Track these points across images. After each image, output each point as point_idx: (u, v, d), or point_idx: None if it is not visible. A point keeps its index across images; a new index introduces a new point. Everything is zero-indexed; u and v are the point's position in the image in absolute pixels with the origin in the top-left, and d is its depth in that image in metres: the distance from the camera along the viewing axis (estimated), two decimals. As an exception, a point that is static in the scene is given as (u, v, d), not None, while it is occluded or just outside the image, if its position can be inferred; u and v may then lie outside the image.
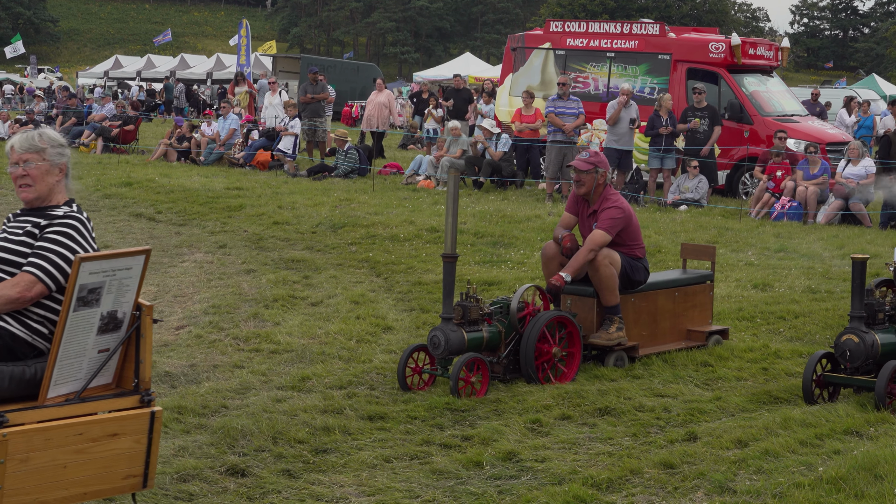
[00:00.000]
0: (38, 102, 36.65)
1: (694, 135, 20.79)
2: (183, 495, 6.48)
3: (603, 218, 9.72)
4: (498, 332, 9.18)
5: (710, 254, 11.04)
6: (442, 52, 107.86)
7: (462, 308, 9.04)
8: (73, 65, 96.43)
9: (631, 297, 9.96)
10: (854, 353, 8.53)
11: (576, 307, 9.80)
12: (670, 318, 10.38)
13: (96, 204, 19.17)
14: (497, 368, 9.18)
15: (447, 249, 8.92)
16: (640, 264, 9.96)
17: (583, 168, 9.81)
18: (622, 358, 9.73)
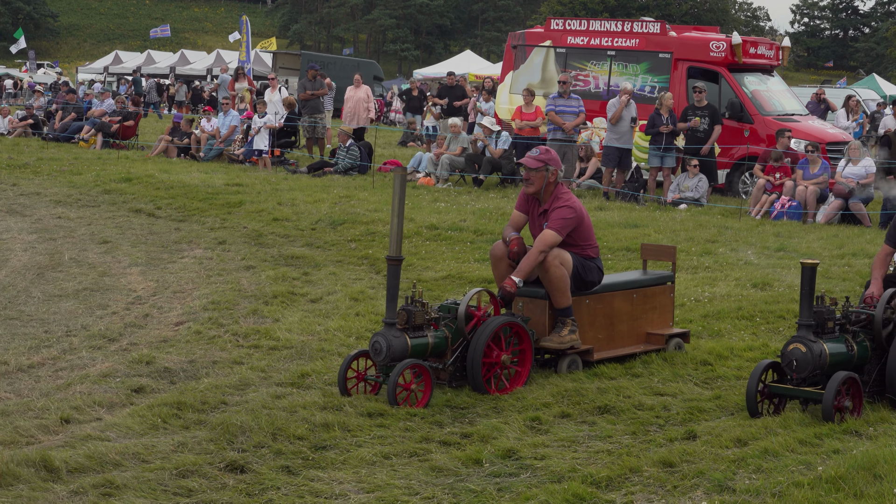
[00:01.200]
0: (38, 97, 36.59)
1: (694, 134, 20.78)
2: (182, 491, 6.48)
3: (553, 217, 9.39)
4: (444, 338, 8.81)
5: (671, 254, 10.66)
6: (442, 49, 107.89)
7: (406, 312, 8.65)
8: (73, 60, 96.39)
9: (586, 298, 9.63)
10: (801, 363, 8.13)
11: (528, 310, 9.47)
12: (628, 321, 10.03)
13: (95, 199, 19.16)
14: (443, 375, 8.84)
15: (392, 251, 8.49)
16: (593, 264, 9.62)
17: (532, 166, 9.49)
18: (576, 362, 9.43)
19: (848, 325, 8.52)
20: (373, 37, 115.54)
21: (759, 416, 8.11)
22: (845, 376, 7.98)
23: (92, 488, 6.41)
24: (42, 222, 16.88)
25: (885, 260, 9.20)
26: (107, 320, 10.93)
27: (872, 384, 8.55)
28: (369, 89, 27.53)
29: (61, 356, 9.56)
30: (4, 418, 7.77)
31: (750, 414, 8.15)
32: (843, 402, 7.97)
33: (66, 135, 30.21)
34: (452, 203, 19.10)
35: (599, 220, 17.45)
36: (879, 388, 8.53)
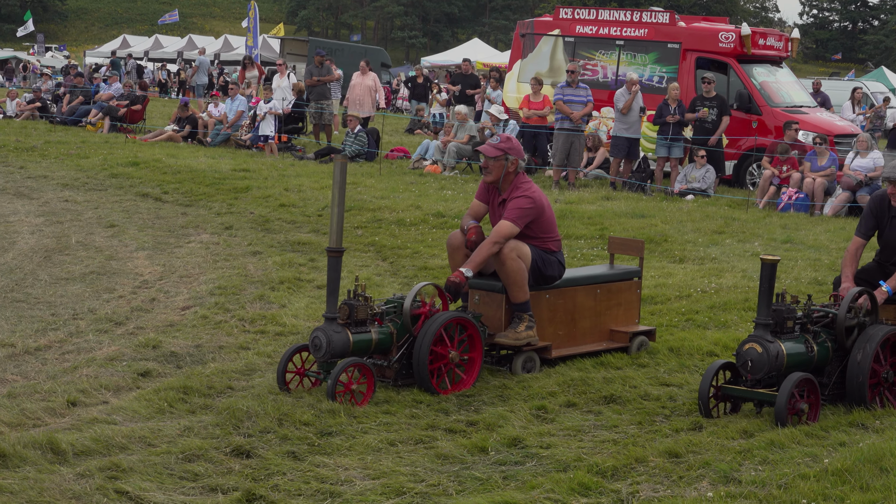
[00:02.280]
0: (46, 81, 36.58)
1: (702, 125, 20.76)
2: (188, 475, 6.49)
3: (510, 207, 9.03)
4: (389, 334, 8.45)
5: (639, 248, 10.33)
6: (450, 37, 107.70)
7: (348, 307, 8.26)
8: (81, 44, 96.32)
9: (546, 293, 9.29)
10: (756, 364, 7.79)
11: (484, 303, 9.15)
12: (591, 317, 9.68)
13: (103, 183, 19.17)
14: (388, 373, 8.52)
15: (332, 242, 8.18)
16: (553, 258, 9.24)
17: (491, 154, 9.12)
18: (532, 359, 9.10)
19: (809, 325, 8.21)
20: (380, 24, 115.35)
21: (712, 418, 7.87)
22: (801, 378, 7.67)
23: (98, 471, 6.42)
24: (49, 205, 16.89)
25: (855, 254, 8.90)
26: (113, 304, 10.94)
27: (833, 387, 8.24)
28: (377, 77, 27.36)
29: (68, 339, 9.58)
30: (11, 401, 7.79)
31: (702, 415, 7.88)
32: (798, 405, 7.64)
33: (73, 118, 30.22)
34: (459, 191, 19.09)
35: (606, 209, 17.45)
36: (840, 391, 8.24)
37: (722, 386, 8.05)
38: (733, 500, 6.15)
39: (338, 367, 7.92)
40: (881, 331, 8.17)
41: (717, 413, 7.99)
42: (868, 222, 8.95)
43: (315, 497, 6.26)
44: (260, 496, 6.19)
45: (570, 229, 15.55)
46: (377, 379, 8.37)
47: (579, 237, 15.12)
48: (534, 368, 9.08)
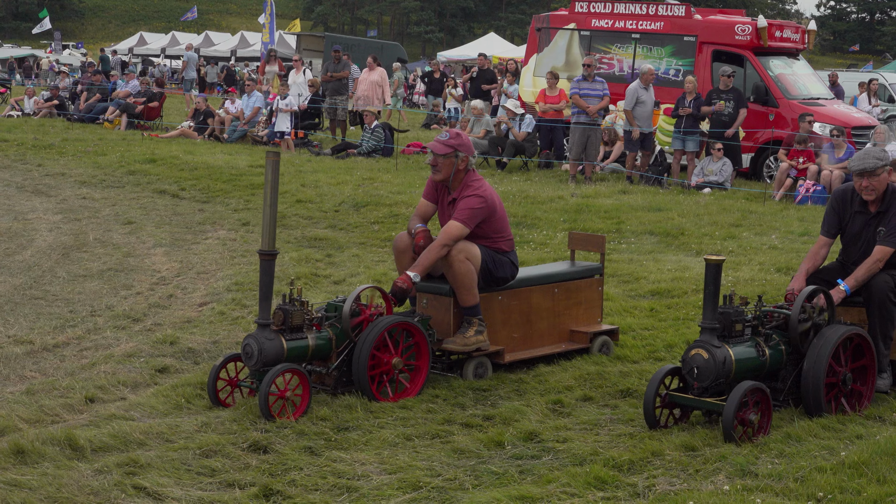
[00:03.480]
0: (63, 78, 36.71)
1: (719, 117, 20.70)
2: (205, 470, 6.52)
3: (460, 207, 8.61)
4: (328, 340, 8.02)
5: (600, 244, 9.84)
6: (466, 31, 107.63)
7: (283, 312, 7.86)
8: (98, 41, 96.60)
9: (498, 294, 8.88)
10: (702, 371, 7.30)
11: (432, 307, 8.75)
12: (548, 318, 9.25)
13: (120, 180, 19.23)
14: (328, 381, 8.12)
15: (264, 244, 7.80)
16: (505, 259, 8.83)
17: (440, 151, 8.71)
18: (484, 365, 8.67)
19: (760, 328, 7.76)
20: (397, 19, 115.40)
21: (658, 428, 7.42)
22: (750, 387, 7.16)
23: (116, 467, 6.45)
24: (67, 203, 16.96)
25: (816, 252, 8.43)
26: (131, 300, 10.98)
27: (788, 392, 7.83)
28: (384, 72, 27.09)
29: (86, 336, 9.62)
30: (30, 397, 7.84)
31: (648, 425, 7.43)
32: (747, 416, 7.14)
33: (90, 115, 30.32)
34: (476, 186, 19.06)
35: (622, 203, 17.44)
36: (796, 397, 7.82)
37: (669, 393, 7.57)
38: (750, 494, 6.14)
39: (269, 375, 7.47)
40: (838, 332, 7.70)
41: (664, 421, 7.54)
42: (830, 220, 8.50)
43: (332, 492, 6.28)
44: (277, 491, 6.21)
45: (586, 223, 15.54)
46: (316, 387, 8.07)
47: (596, 231, 15.10)
48: (486, 374, 8.67)
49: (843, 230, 8.46)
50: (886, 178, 8.17)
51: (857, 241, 8.34)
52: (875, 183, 8.15)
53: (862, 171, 8.14)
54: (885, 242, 8.13)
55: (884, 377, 8.18)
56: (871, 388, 7.98)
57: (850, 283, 8.10)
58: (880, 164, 8.11)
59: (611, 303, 10.98)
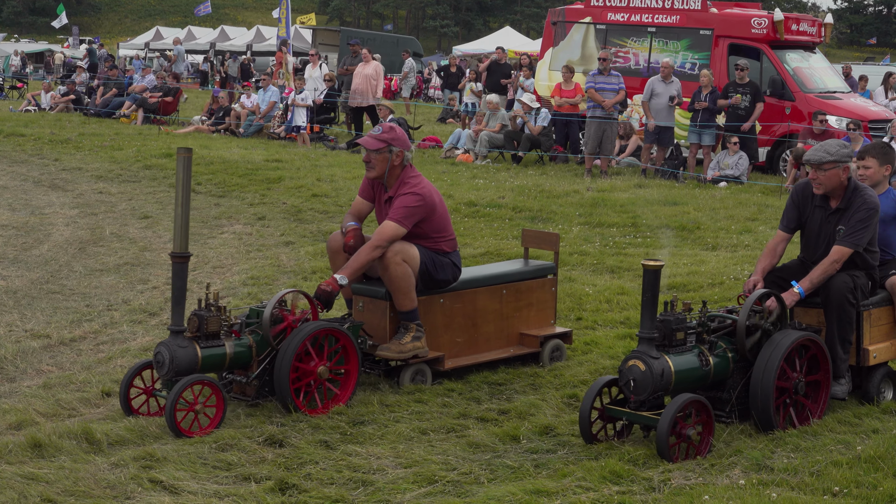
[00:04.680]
0: (80, 73, 36.81)
1: (735, 111, 20.66)
2: (221, 464, 6.54)
3: (396, 206, 8.14)
4: (248, 348, 7.56)
5: (553, 242, 9.37)
6: (482, 25, 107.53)
7: (198, 318, 7.42)
8: (114, 36, 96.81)
9: (440, 297, 8.43)
10: (639, 383, 6.85)
11: (368, 311, 8.30)
12: (496, 321, 8.79)
13: (136, 175, 19.28)
14: (249, 391, 7.67)
15: (176, 247, 7.36)
16: (446, 260, 8.36)
17: (372, 147, 8.21)
18: (423, 372, 8.24)
19: (705, 335, 7.31)
20: (412, 13, 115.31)
21: (595, 443, 6.99)
22: (687, 400, 6.72)
23: (132, 461, 6.48)
24: (83, 197, 17.01)
25: (774, 248, 8.08)
26: (147, 295, 11.01)
27: (736, 403, 7.36)
28: (378, 65, 26.34)
29: (102, 330, 9.65)
30: (47, 391, 7.87)
31: (584, 439, 7.02)
32: (684, 431, 6.72)
33: (107, 110, 30.40)
34: (491, 180, 19.09)
35: (638, 197, 17.41)
36: (744, 407, 7.36)
37: (606, 406, 7.13)
38: (765, 488, 6.14)
39: (177, 387, 7.04)
40: (789, 338, 7.24)
41: (603, 436, 7.13)
42: (790, 213, 8.10)
43: (347, 485, 6.29)
44: (293, 485, 6.23)
45: (602, 217, 15.53)
46: (236, 397, 7.70)
47: (611, 225, 15.09)
48: (425, 382, 8.23)
49: (804, 225, 8.09)
50: (838, 175, 7.74)
51: (817, 237, 7.96)
52: (822, 178, 7.76)
53: (808, 162, 7.86)
54: (844, 243, 7.71)
55: (842, 383, 7.74)
56: (823, 400, 7.52)
57: (804, 286, 7.66)
58: (828, 158, 7.70)
59: (626, 297, 10.98)
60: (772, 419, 7.12)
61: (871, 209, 7.72)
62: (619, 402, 7.13)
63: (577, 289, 11.28)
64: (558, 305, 10.62)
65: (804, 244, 8.14)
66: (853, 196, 7.78)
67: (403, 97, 36.42)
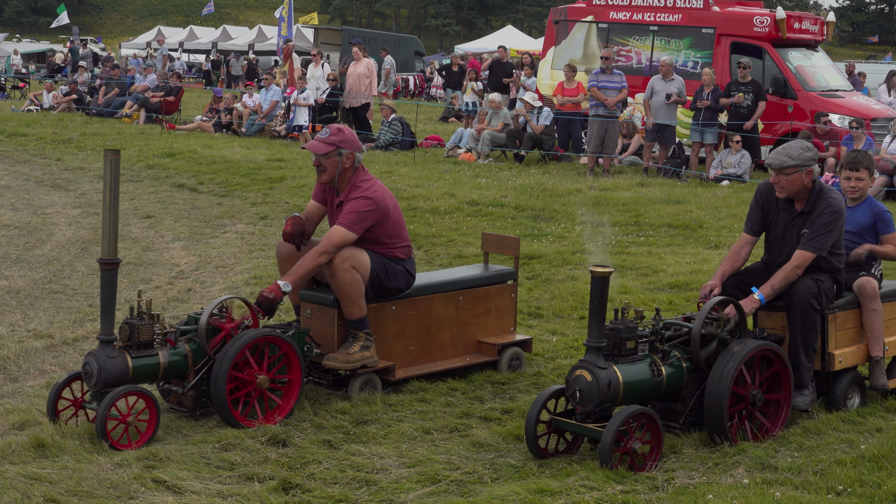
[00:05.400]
0: (82, 73, 36.82)
1: (737, 110, 20.65)
2: (224, 464, 6.53)
3: (345, 211, 7.83)
4: (183, 357, 7.28)
5: (514, 247, 9.05)
6: (483, 24, 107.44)
7: (129, 327, 7.10)
8: (116, 36, 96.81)
9: (392, 304, 8.14)
10: (585, 394, 6.58)
11: (316, 318, 8.02)
12: (452, 329, 8.52)
13: (139, 174, 19.29)
14: (186, 401, 7.38)
15: (105, 252, 7.00)
16: (399, 267, 8.06)
17: (320, 150, 7.90)
18: (372, 382, 7.95)
19: (658, 344, 7.02)
20: (414, 12, 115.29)
21: (544, 457, 6.78)
22: (633, 412, 6.46)
23: (136, 461, 6.47)
24: (86, 197, 17.02)
25: (738, 252, 7.74)
26: (149, 294, 10.98)
27: (690, 414, 7.09)
28: (371, 62, 26.21)
29: (105, 330, 9.62)
30: (50, 391, 7.84)
31: (531, 452, 6.79)
32: (630, 445, 6.45)
33: (109, 110, 30.42)
34: (493, 179, 19.09)
35: (641, 196, 17.41)
36: (698, 419, 7.07)
37: (554, 417, 6.86)
38: (769, 487, 6.13)
39: (107, 398, 6.80)
40: (746, 347, 6.94)
41: (551, 448, 6.90)
42: (754, 215, 7.78)
43: (351, 485, 6.29)
44: (296, 485, 6.23)
45: (604, 216, 15.53)
46: (173, 408, 7.46)
47: (614, 224, 15.09)
48: (374, 393, 7.93)
49: (768, 228, 7.79)
50: (800, 179, 7.46)
51: (781, 240, 7.67)
52: (784, 182, 7.47)
53: (770, 166, 7.53)
54: (806, 247, 7.40)
55: (805, 394, 7.43)
56: (784, 412, 7.22)
57: (765, 292, 7.35)
58: (790, 163, 7.41)
59: (629, 296, 10.97)
60: (726, 432, 6.83)
61: (836, 212, 7.45)
62: (567, 414, 6.85)
63: (580, 288, 11.27)
64: (560, 305, 10.66)
65: (768, 247, 7.86)
66: (818, 199, 7.51)
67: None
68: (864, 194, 8.07)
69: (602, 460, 6.40)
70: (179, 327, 7.45)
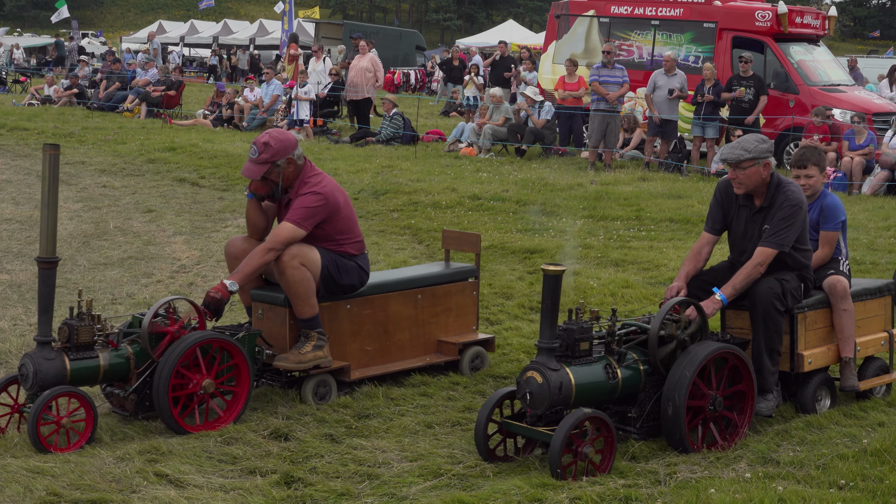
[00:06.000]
0: (83, 67, 36.80)
1: (739, 104, 20.63)
2: (226, 458, 6.54)
3: (294, 207, 7.59)
4: (125, 359, 7.04)
5: (475, 243, 8.77)
6: (485, 19, 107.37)
7: (68, 328, 6.91)
8: (117, 30, 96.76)
9: (347, 303, 7.92)
10: (536, 396, 6.36)
11: (267, 318, 7.78)
12: (411, 328, 8.31)
13: (140, 168, 19.29)
14: (128, 405, 7.14)
15: (42, 251, 6.81)
16: (352, 263, 7.84)
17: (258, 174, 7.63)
18: (326, 383, 7.72)
19: (614, 345, 6.78)
20: (415, 6, 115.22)
21: (494, 461, 6.59)
22: (583, 416, 6.24)
23: (138, 454, 6.48)
24: (87, 191, 17.02)
25: (699, 251, 7.49)
26: (151, 288, 11.01)
27: (647, 419, 6.85)
28: (374, 57, 26.11)
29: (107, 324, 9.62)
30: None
31: (480, 456, 6.59)
32: (581, 449, 6.24)
33: (110, 104, 30.40)
34: (495, 173, 19.08)
35: (642, 190, 17.40)
36: (656, 423, 6.84)
37: (504, 420, 6.67)
38: (771, 481, 6.12)
39: (39, 400, 6.60)
40: (706, 350, 6.70)
41: (502, 452, 6.71)
42: (714, 213, 7.54)
43: (353, 479, 6.29)
44: (298, 478, 6.23)
45: (606, 211, 15.53)
46: (115, 411, 7.24)
47: (615, 218, 15.09)
48: (329, 394, 7.73)
49: (729, 226, 7.53)
50: (758, 172, 7.21)
51: (743, 238, 7.41)
52: (742, 177, 7.22)
53: (726, 161, 7.30)
54: (767, 243, 7.16)
55: (768, 398, 7.18)
56: (747, 416, 6.98)
57: (727, 292, 7.10)
58: (746, 156, 7.16)
59: (631, 290, 10.98)
60: (684, 438, 6.62)
61: (795, 205, 7.17)
62: (519, 417, 6.64)
63: (582, 282, 11.28)
64: (563, 299, 10.59)
65: (731, 245, 7.58)
66: (776, 193, 7.24)
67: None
68: (816, 191, 7.79)
69: (551, 465, 6.19)
70: (123, 329, 7.25)
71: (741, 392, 6.97)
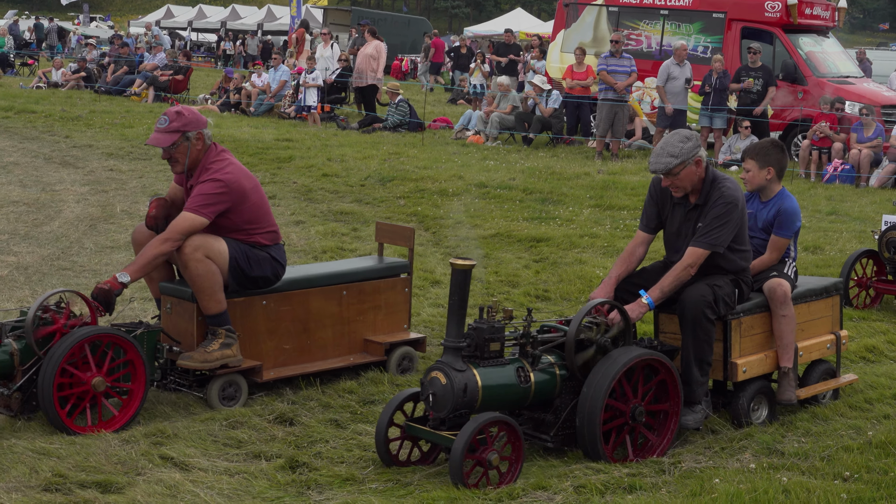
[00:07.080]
0: (91, 50, 36.79)
1: (747, 95, 20.59)
2: (232, 442, 6.55)
3: (193, 194, 7.13)
4: (9, 356, 6.63)
5: (408, 237, 8.36)
6: (493, 7, 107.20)
7: None
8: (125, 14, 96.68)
9: (263, 299, 7.49)
10: (439, 398, 6.01)
11: (176, 314, 7.33)
12: (334, 326, 7.87)
13: (147, 152, 19.27)
14: (13, 404, 6.70)
15: None
16: (263, 254, 7.37)
17: (166, 143, 7.24)
18: (235, 384, 7.27)
19: (529, 347, 6.38)
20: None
21: (395, 465, 6.29)
22: (488, 420, 5.90)
23: (143, 437, 6.50)
24: (94, 174, 17.02)
25: (632, 252, 7.07)
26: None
27: (563, 426, 6.43)
28: (380, 44, 25.76)
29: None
30: None
31: (381, 461, 6.28)
32: (485, 456, 5.87)
33: (118, 88, 30.39)
34: (502, 161, 19.06)
35: (649, 180, 17.34)
36: (572, 432, 6.43)
37: (407, 423, 6.30)
38: (776, 472, 6.13)
39: None
40: (627, 356, 6.32)
41: (405, 456, 6.38)
42: (649, 211, 7.14)
43: (357, 464, 6.30)
44: (303, 463, 6.24)
45: (613, 200, 15.51)
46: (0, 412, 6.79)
47: (622, 208, 15.07)
48: (238, 395, 7.28)
49: (664, 224, 7.13)
50: (692, 172, 6.78)
51: (677, 237, 7.00)
52: (677, 182, 6.79)
53: (655, 172, 6.86)
54: (699, 244, 6.75)
55: (696, 410, 6.75)
56: (670, 430, 6.61)
57: (654, 295, 6.70)
58: (675, 162, 6.71)
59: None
60: (598, 448, 6.22)
61: (729, 203, 6.74)
62: (423, 420, 6.29)
63: (588, 271, 11.27)
64: (568, 287, 10.65)
65: (665, 244, 7.17)
66: (711, 189, 6.82)
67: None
68: (756, 186, 7.43)
69: (452, 471, 5.83)
70: (8, 323, 6.85)
71: (667, 401, 6.61)
